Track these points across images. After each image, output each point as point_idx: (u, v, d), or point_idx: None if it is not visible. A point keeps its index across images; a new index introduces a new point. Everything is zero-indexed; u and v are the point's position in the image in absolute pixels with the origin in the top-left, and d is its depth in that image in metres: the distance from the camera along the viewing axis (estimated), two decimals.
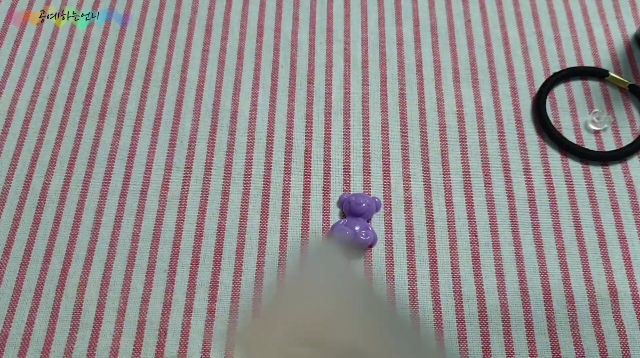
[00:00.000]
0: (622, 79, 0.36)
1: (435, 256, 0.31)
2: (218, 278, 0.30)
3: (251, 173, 0.34)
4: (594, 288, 0.30)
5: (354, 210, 0.31)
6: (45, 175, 0.34)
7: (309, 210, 0.32)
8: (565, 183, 0.33)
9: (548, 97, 0.36)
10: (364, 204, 0.31)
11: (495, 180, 0.33)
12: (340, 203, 0.32)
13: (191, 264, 0.31)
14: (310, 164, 0.34)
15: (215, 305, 0.30)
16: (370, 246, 0.31)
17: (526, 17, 0.40)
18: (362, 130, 0.35)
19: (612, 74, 0.36)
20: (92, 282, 0.30)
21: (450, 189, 0.33)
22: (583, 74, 0.37)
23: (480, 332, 0.29)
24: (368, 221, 0.31)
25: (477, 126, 0.35)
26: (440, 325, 0.29)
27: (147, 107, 0.36)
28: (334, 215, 0.32)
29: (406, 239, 0.32)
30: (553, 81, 0.36)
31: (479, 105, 0.36)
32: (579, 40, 0.39)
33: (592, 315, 0.30)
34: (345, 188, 0.33)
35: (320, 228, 0.32)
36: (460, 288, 0.30)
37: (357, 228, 0.30)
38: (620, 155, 0.34)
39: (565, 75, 0.37)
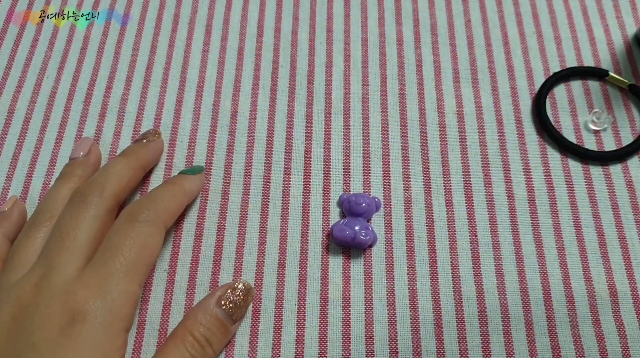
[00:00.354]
0: (622, 79, 0.36)
1: (435, 256, 0.31)
2: (218, 278, 0.30)
3: (251, 173, 0.34)
4: (594, 288, 0.30)
5: (354, 210, 0.31)
6: (45, 175, 0.34)
7: (308, 210, 0.32)
8: (565, 183, 0.33)
9: (548, 97, 0.36)
10: (364, 204, 0.31)
11: (495, 180, 0.33)
12: (340, 203, 0.32)
13: (191, 264, 0.31)
14: (310, 164, 0.34)
15: None
16: (370, 246, 0.31)
17: (526, 17, 0.40)
18: (362, 130, 0.35)
19: (612, 74, 0.36)
20: None
21: (450, 189, 0.33)
22: (583, 74, 0.37)
23: (480, 332, 0.29)
24: (368, 221, 0.32)
25: (477, 126, 0.35)
26: (440, 325, 0.29)
27: (147, 107, 0.36)
28: (334, 215, 0.32)
29: (406, 239, 0.32)
30: (553, 81, 0.36)
31: (479, 105, 0.36)
32: (579, 40, 0.39)
33: (592, 315, 0.30)
34: (345, 187, 0.33)
35: (320, 228, 0.32)
36: (460, 288, 0.30)
37: (357, 228, 0.30)
38: (621, 155, 0.34)
39: (565, 75, 0.37)
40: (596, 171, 0.34)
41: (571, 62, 0.38)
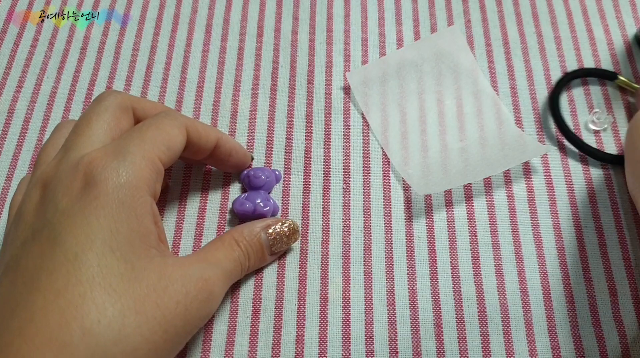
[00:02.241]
0: (632, 82, 0.36)
1: (435, 256, 0.31)
2: None
3: None
4: (593, 288, 0.30)
5: (253, 183, 0.32)
6: None
7: (308, 210, 0.32)
8: (565, 183, 0.33)
9: (548, 97, 0.36)
10: (263, 177, 0.32)
11: (495, 180, 0.33)
12: (241, 179, 0.33)
13: None
14: (310, 164, 0.34)
15: None
16: (273, 215, 0.32)
17: (526, 17, 0.40)
18: (362, 130, 0.35)
19: (621, 77, 0.36)
20: None
21: (450, 189, 0.33)
22: (592, 76, 0.37)
23: (480, 332, 0.29)
24: (269, 193, 0.32)
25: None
26: (440, 325, 0.29)
27: None
28: (334, 215, 0.32)
29: (406, 239, 0.32)
30: (565, 81, 0.36)
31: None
32: (579, 40, 0.39)
33: (592, 315, 0.30)
34: (345, 187, 0.33)
35: (320, 228, 0.32)
36: (460, 288, 0.30)
37: (257, 201, 0.31)
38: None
39: (576, 77, 0.36)
40: (596, 171, 0.34)
41: (571, 62, 0.38)
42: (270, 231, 0.29)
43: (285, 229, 0.29)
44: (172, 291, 0.23)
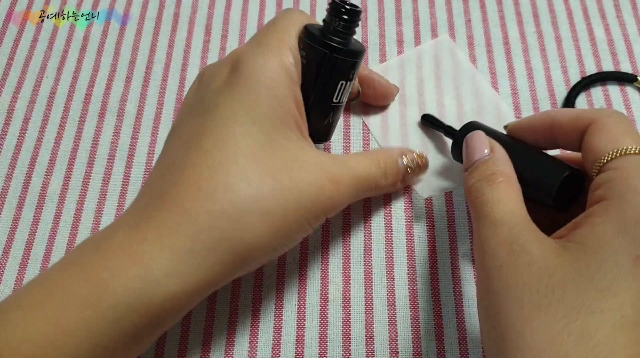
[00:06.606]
0: None
1: (435, 256, 0.31)
2: None
3: None
4: None
5: None
6: (45, 174, 0.34)
7: None
8: None
9: (549, 98, 0.36)
10: None
11: None
12: None
13: None
14: None
15: (214, 305, 0.30)
16: None
17: (526, 16, 0.40)
18: (362, 130, 0.35)
19: None
20: None
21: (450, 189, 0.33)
22: (611, 79, 0.36)
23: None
24: None
25: None
26: (440, 325, 0.29)
27: (147, 106, 0.36)
28: (334, 215, 0.32)
29: (406, 239, 0.32)
30: (582, 85, 0.36)
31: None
32: (579, 40, 0.39)
33: None
34: None
35: (320, 227, 0.32)
36: (461, 288, 0.30)
37: None
38: None
39: (595, 80, 0.36)
40: None
41: (572, 62, 0.38)
42: (406, 159, 0.30)
43: (419, 160, 0.30)
44: (305, 172, 0.24)
